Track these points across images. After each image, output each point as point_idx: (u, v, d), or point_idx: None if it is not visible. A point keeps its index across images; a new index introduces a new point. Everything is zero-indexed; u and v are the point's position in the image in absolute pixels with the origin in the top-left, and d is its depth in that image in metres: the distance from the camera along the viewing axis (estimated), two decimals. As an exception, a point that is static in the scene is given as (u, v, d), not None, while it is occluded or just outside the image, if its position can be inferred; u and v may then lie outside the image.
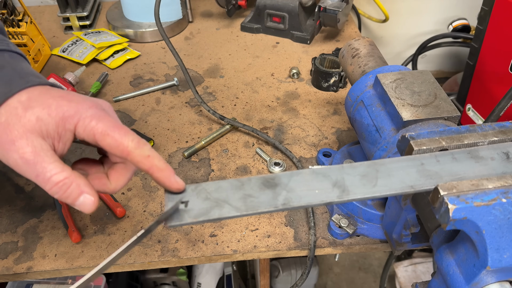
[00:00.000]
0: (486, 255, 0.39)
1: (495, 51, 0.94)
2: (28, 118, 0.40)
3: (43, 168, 0.39)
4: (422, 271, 1.44)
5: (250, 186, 0.39)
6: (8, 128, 0.39)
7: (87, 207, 0.41)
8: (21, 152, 0.39)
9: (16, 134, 0.39)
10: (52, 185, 0.40)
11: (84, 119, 0.41)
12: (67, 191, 0.40)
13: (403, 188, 0.39)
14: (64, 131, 0.41)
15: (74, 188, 0.40)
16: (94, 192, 0.41)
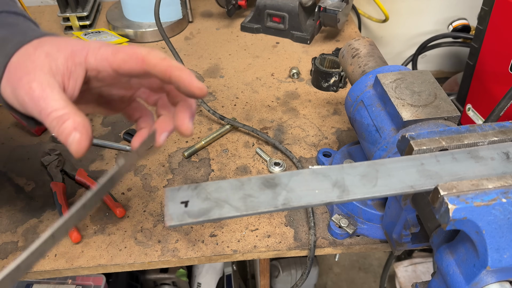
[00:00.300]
0: (486, 255, 0.39)
1: (495, 51, 0.94)
2: (37, 55, 0.41)
3: (46, 104, 0.39)
4: (422, 271, 1.44)
5: (250, 186, 0.39)
6: (18, 67, 0.41)
7: (74, 146, 0.39)
8: (27, 87, 0.39)
9: (25, 71, 0.40)
10: (51, 119, 0.39)
11: (93, 49, 0.42)
12: (61, 126, 0.39)
13: (403, 188, 0.39)
14: (74, 66, 0.41)
15: (68, 125, 0.39)
16: (86, 131, 0.40)
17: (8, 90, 0.42)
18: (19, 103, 0.41)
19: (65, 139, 0.39)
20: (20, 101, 0.40)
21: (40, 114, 0.40)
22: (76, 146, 0.39)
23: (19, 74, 0.40)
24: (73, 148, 0.39)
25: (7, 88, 0.42)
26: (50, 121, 0.39)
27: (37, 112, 0.40)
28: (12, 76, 0.41)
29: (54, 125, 0.39)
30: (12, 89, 0.41)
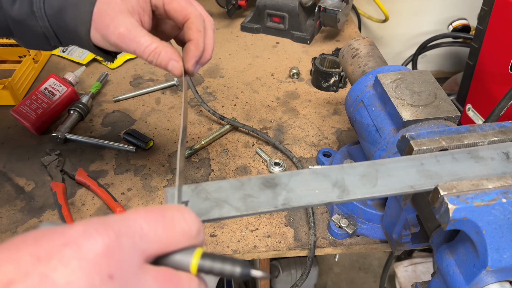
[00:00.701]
0: (486, 255, 0.39)
1: (495, 51, 0.94)
2: (114, 1, 0.48)
3: (137, 43, 0.48)
4: (422, 271, 1.43)
5: (250, 186, 0.39)
6: (102, 15, 0.48)
7: (176, 71, 0.50)
8: (117, 33, 0.48)
9: (109, 18, 0.48)
10: (148, 54, 0.49)
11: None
12: (159, 58, 0.49)
13: (403, 188, 0.39)
14: (144, 3, 0.50)
15: (164, 56, 0.49)
16: (179, 59, 0.50)
17: (98, 36, 0.50)
18: (111, 45, 0.49)
19: (165, 66, 0.49)
20: (113, 44, 0.49)
21: (135, 51, 0.49)
22: (177, 70, 0.50)
23: (105, 22, 0.48)
24: (175, 72, 0.50)
25: (97, 35, 0.50)
26: (147, 56, 0.49)
27: (131, 49, 0.49)
28: (98, 24, 0.49)
29: (152, 58, 0.49)
30: (102, 35, 0.49)
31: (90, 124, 0.85)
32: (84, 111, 0.86)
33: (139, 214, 0.27)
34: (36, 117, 0.81)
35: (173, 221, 0.27)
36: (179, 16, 0.50)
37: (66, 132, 0.80)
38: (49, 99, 0.83)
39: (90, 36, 0.50)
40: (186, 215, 0.28)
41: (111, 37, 0.48)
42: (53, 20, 0.52)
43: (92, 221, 0.25)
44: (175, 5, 0.50)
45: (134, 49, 0.48)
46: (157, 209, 0.28)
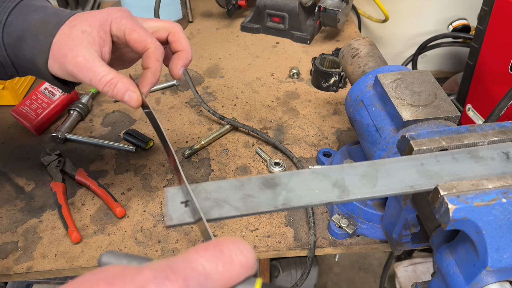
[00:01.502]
0: (486, 255, 0.39)
1: (495, 51, 0.94)
2: (75, 33, 0.49)
3: (93, 72, 0.48)
4: (422, 271, 1.43)
5: (250, 186, 0.39)
6: (61, 45, 0.49)
7: (133, 102, 0.49)
8: (74, 61, 0.48)
9: (67, 48, 0.48)
10: (103, 84, 0.48)
11: (116, 19, 0.51)
12: (115, 88, 0.49)
13: (403, 188, 0.39)
14: (105, 34, 0.50)
15: (120, 86, 0.49)
16: (137, 89, 0.50)
17: (56, 66, 0.50)
18: (68, 74, 0.49)
19: (122, 97, 0.49)
20: (70, 73, 0.49)
21: (91, 81, 0.48)
22: (134, 101, 0.49)
23: (63, 51, 0.48)
24: (132, 103, 0.49)
25: (54, 65, 0.50)
26: (103, 86, 0.49)
27: (87, 79, 0.49)
28: (56, 54, 0.49)
29: (107, 89, 0.49)
30: (60, 64, 0.49)
31: (90, 124, 0.85)
32: (84, 111, 0.86)
33: (199, 253, 0.27)
34: (36, 117, 0.81)
35: (231, 255, 0.28)
36: (139, 46, 0.51)
37: (66, 132, 0.81)
38: (49, 99, 0.83)
39: (47, 66, 0.50)
40: (242, 247, 0.29)
41: (68, 66, 0.48)
42: (11, 50, 0.51)
43: (159, 266, 0.26)
44: (135, 36, 0.50)
45: (90, 79, 0.48)
46: (214, 245, 0.28)
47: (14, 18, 0.51)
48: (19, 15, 0.51)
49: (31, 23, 0.50)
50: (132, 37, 0.50)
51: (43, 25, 0.50)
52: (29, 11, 0.51)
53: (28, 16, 0.51)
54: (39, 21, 0.50)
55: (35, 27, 0.50)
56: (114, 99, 0.91)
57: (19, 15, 0.51)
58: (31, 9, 0.52)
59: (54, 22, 0.50)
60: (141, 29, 0.51)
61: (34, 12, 0.51)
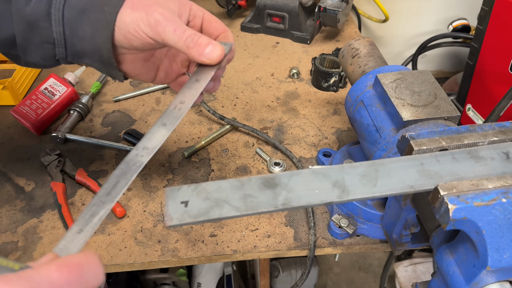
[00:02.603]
0: (486, 255, 0.39)
1: (495, 51, 0.94)
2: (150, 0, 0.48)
3: (179, 24, 0.47)
4: (422, 271, 1.43)
5: (250, 186, 0.39)
6: (134, 7, 0.47)
7: (215, 53, 0.48)
8: (161, 11, 0.47)
9: (153, 2, 0.48)
10: (188, 35, 0.47)
11: (195, 5, 0.53)
12: (199, 39, 0.47)
13: (403, 188, 0.39)
14: (184, 10, 0.51)
15: (204, 39, 0.48)
16: (220, 45, 0.48)
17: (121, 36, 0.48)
18: (151, 22, 0.47)
19: (203, 50, 0.47)
20: (153, 21, 0.47)
21: (175, 31, 0.47)
22: (217, 53, 0.48)
23: (147, 3, 0.48)
24: (214, 55, 0.48)
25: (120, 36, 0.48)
26: (187, 36, 0.47)
27: (171, 29, 0.47)
28: (140, 4, 0.48)
29: (191, 39, 0.47)
30: (146, 12, 0.47)
31: (90, 124, 0.85)
32: (84, 111, 0.86)
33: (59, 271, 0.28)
34: (36, 117, 0.81)
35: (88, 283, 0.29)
36: (218, 26, 0.52)
37: (66, 132, 0.81)
38: (49, 99, 0.83)
39: (112, 40, 0.48)
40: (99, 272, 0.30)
41: (153, 14, 0.47)
42: (69, 25, 0.48)
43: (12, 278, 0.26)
44: (214, 19, 0.53)
45: (175, 28, 0.47)
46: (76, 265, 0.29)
47: None
48: None
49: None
50: (212, 17, 0.52)
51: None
52: None
53: None
54: None
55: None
56: (114, 98, 0.91)
57: None
58: None
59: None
60: (215, 19, 0.53)
61: None
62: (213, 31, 0.52)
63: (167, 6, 0.48)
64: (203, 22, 0.53)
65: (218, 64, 0.49)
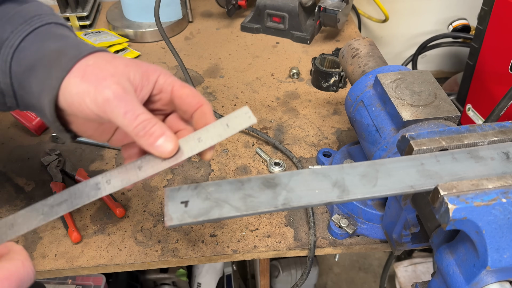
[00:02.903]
0: (486, 255, 0.39)
1: (495, 51, 0.94)
2: (117, 63, 0.42)
3: (132, 106, 0.40)
4: (422, 271, 1.43)
5: (250, 186, 0.39)
6: (99, 68, 0.41)
7: (166, 148, 0.41)
8: (114, 88, 0.40)
9: (108, 73, 0.41)
10: (140, 121, 0.40)
11: (165, 74, 0.45)
12: (151, 128, 0.41)
13: (403, 188, 0.39)
14: (147, 82, 0.44)
15: (157, 128, 0.41)
16: (175, 138, 0.42)
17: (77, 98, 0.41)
18: (99, 101, 0.40)
19: (154, 141, 0.41)
20: (101, 100, 0.40)
21: (126, 114, 0.40)
22: (168, 149, 0.41)
23: (102, 75, 0.41)
24: (164, 150, 0.41)
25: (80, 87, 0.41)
26: (138, 123, 0.40)
27: (121, 111, 0.40)
28: (91, 77, 0.41)
29: (142, 127, 0.40)
30: (95, 88, 0.40)
31: (90, 124, 0.85)
32: (84, 111, 0.85)
33: None
34: (36, 117, 0.81)
35: None
36: (192, 101, 0.44)
37: (66, 132, 0.80)
38: (49, 99, 0.83)
39: (55, 103, 0.42)
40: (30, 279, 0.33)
41: (104, 90, 0.40)
42: (17, 79, 0.44)
43: None
44: (187, 90, 0.44)
45: (126, 111, 0.40)
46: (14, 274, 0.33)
47: (29, 44, 0.44)
48: (35, 41, 0.45)
49: (47, 52, 0.44)
50: (184, 91, 0.44)
51: (59, 56, 0.43)
52: (48, 38, 0.45)
53: (45, 43, 0.44)
54: (56, 52, 0.43)
55: (50, 57, 0.43)
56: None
57: (35, 42, 0.45)
58: (50, 36, 0.45)
59: (71, 55, 0.42)
60: (190, 88, 0.45)
61: (52, 40, 0.45)
62: (187, 108, 0.44)
63: (124, 78, 0.42)
64: (174, 98, 0.45)
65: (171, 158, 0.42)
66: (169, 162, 0.42)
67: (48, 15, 0.48)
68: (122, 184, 0.42)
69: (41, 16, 0.47)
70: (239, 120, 0.42)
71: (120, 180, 0.42)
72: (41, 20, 0.46)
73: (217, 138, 0.42)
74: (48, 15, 0.47)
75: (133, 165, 0.43)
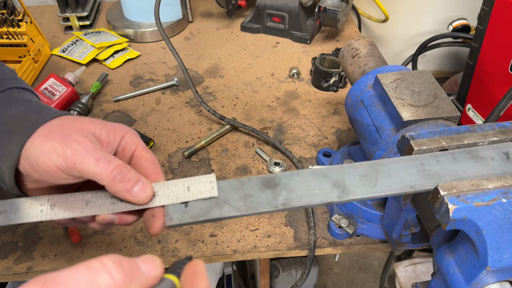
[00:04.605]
0: (486, 255, 0.39)
1: (495, 51, 0.94)
2: (81, 121, 0.42)
3: (103, 153, 0.40)
4: (422, 271, 1.43)
5: (250, 186, 0.39)
6: (63, 127, 0.41)
7: (144, 194, 0.40)
8: (81, 140, 0.40)
9: (73, 129, 0.41)
10: (114, 166, 0.39)
11: (132, 133, 0.45)
12: (127, 174, 0.40)
13: (403, 188, 0.39)
14: (114, 138, 0.43)
15: (133, 174, 0.40)
16: (151, 184, 0.41)
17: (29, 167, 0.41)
18: (67, 155, 0.39)
19: (131, 187, 0.40)
20: (70, 153, 0.39)
21: (98, 161, 0.39)
22: (145, 195, 0.40)
23: (67, 131, 0.41)
24: (141, 196, 0.40)
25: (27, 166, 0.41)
26: (113, 168, 0.39)
27: (93, 159, 0.39)
28: (55, 134, 0.40)
29: (118, 173, 0.39)
30: (62, 142, 0.40)
31: (90, 124, 0.85)
32: (84, 111, 0.86)
33: None
34: (36, 117, 0.81)
35: None
36: (149, 167, 0.43)
37: (66, 132, 0.80)
38: (49, 99, 0.83)
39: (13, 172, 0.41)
40: None
41: (71, 143, 0.39)
42: None
43: None
44: (149, 155, 0.44)
45: (98, 158, 0.39)
46: None
47: None
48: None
49: (7, 118, 0.42)
50: (146, 155, 0.44)
51: (20, 122, 0.42)
52: (9, 104, 0.44)
53: (5, 109, 0.43)
54: (17, 117, 0.42)
55: (11, 123, 0.42)
56: (114, 98, 0.91)
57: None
58: (12, 102, 0.44)
59: (33, 121, 0.41)
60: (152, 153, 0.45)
61: (14, 106, 0.43)
62: (141, 170, 0.43)
63: (91, 132, 0.42)
64: (133, 157, 0.44)
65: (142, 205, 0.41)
66: (117, 207, 0.40)
67: (10, 79, 0.47)
68: (64, 215, 0.40)
69: (2, 81, 0.46)
70: (201, 187, 0.40)
71: (63, 210, 0.40)
72: (2, 85, 0.46)
73: (174, 199, 0.40)
74: (10, 80, 0.47)
75: (82, 198, 0.41)
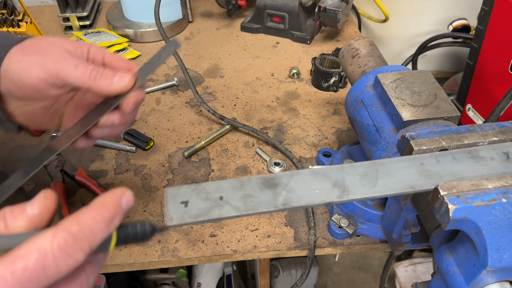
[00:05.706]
0: (486, 255, 0.39)
1: (495, 51, 0.94)
2: (51, 40, 0.47)
3: (80, 60, 0.45)
4: (422, 271, 1.43)
5: (250, 186, 0.39)
6: (37, 44, 0.46)
7: (125, 80, 0.45)
8: (58, 52, 0.45)
9: (47, 45, 0.45)
10: (91, 68, 0.44)
11: (94, 45, 0.49)
12: (104, 71, 0.45)
13: (403, 188, 0.39)
14: (81, 51, 0.48)
15: (109, 70, 0.45)
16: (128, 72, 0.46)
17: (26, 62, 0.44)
18: (48, 65, 0.44)
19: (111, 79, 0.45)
20: (51, 62, 0.44)
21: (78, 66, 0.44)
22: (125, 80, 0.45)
23: (41, 47, 0.45)
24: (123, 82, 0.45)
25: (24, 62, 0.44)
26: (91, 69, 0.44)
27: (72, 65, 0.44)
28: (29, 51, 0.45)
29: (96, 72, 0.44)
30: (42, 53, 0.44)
31: (90, 124, 0.85)
32: (84, 111, 0.86)
33: None
34: (36, 117, 0.81)
35: None
36: (122, 64, 0.48)
37: (66, 132, 0.80)
38: (49, 99, 0.83)
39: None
40: None
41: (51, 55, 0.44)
42: None
43: None
44: (117, 58, 0.49)
45: (77, 64, 0.44)
46: None
47: None
48: None
49: None
50: (114, 57, 0.49)
51: None
52: None
53: None
54: None
55: None
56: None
57: None
58: None
59: (3, 45, 0.45)
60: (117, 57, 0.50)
61: None
62: (121, 65, 0.49)
63: (62, 47, 0.46)
64: (105, 63, 0.48)
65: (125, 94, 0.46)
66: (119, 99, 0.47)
67: None
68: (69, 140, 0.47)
69: None
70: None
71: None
72: None
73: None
74: None
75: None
